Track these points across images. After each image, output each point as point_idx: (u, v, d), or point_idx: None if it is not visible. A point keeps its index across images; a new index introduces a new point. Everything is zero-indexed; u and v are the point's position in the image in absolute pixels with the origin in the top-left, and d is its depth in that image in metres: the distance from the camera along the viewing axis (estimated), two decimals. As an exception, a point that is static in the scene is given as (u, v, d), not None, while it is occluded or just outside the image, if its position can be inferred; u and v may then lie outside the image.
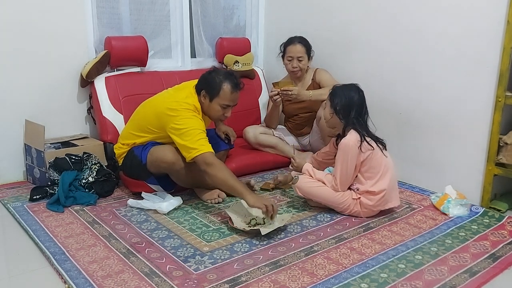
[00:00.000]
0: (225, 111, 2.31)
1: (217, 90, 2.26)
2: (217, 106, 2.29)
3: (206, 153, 2.13)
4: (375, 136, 2.23)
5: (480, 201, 2.44)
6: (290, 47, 2.95)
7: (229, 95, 2.27)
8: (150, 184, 2.44)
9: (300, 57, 2.92)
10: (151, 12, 3.15)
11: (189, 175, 2.34)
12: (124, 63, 2.96)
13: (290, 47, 2.94)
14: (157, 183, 2.43)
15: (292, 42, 2.95)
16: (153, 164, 2.31)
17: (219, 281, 1.65)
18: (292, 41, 2.95)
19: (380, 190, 2.16)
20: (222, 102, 2.28)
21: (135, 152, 2.38)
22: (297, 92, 2.79)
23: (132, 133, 2.43)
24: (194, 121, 2.21)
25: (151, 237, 1.99)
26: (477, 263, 1.83)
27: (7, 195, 2.48)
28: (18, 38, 2.62)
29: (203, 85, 2.30)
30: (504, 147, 2.33)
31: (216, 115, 2.34)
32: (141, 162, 2.32)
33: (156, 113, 2.29)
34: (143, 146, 2.37)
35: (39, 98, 2.74)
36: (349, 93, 2.20)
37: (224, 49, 3.38)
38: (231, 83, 2.26)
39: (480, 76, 2.39)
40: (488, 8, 2.32)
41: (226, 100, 2.28)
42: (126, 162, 2.45)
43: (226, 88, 2.26)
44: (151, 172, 2.36)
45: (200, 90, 2.31)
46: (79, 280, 1.63)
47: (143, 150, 2.34)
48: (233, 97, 2.29)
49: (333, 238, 2.02)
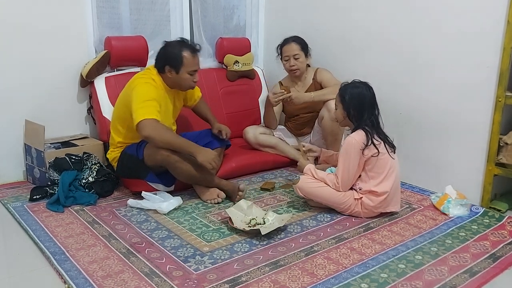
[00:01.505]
0: (193, 77, 2.44)
1: (179, 60, 2.37)
2: (185, 75, 2.40)
3: (149, 119, 2.21)
4: (385, 135, 2.21)
5: (480, 201, 2.44)
6: (285, 47, 2.95)
7: (192, 61, 2.39)
8: (150, 182, 2.44)
9: (296, 54, 2.91)
10: (151, 12, 3.15)
11: (186, 168, 2.34)
12: (124, 63, 2.95)
13: (285, 47, 2.95)
14: (157, 180, 2.43)
15: (286, 42, 2.95)
16: (150, 157, 2.34)
17: (219, 281, 1.65)
18: (287, 41, 2.96)
19: (382, 192, 2.15)
20: (189, 69, 2.39)
21: (128, 152, 2.43)
22: (294, 96, 2.80)
23: (114, 132, 2.52)
24: (146, 87, 2.33)
25: (151, 237, 1.99)
26: (477, 263, 1.82)
27: (7, 195, 2.48)
28: (18, 38, 2.62)
29: (165, 61, 2.39)
30: (504, 147, 2.33)
31: (187, 83, 2.44)
32: (137, 158, 2.36)
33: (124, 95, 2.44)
34: (136, 145, 2.41)
35: (39, 98, 2.74)
36: (361, 95, 2.18)
37: (224, 49, 3.38)
38: (189, 49, 2.40)
39: (480, 76, 2.39)
40: (488, 8, 2.32)
41: (191, 66, 2.40)
42: (121, 164, 2.48)
43: (187, 55, 2.38)
44: (150, 167, 2.37)
45: (163, 67, 2.40)
46: (79, 280, 1.63)
47: (138, 147, 2.39)
48: (196, 61, 2.43)
49: (333, 238, 2.02)
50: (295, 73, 2.97)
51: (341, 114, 2.25)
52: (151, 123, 2.22)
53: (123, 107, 2.41)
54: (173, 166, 2.34)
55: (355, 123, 2.20)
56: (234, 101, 3.38)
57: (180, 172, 2.36)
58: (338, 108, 2.27)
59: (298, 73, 2.98)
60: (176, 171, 2.36)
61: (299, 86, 3.02)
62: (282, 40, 2.99)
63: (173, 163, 2.32)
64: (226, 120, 3.23)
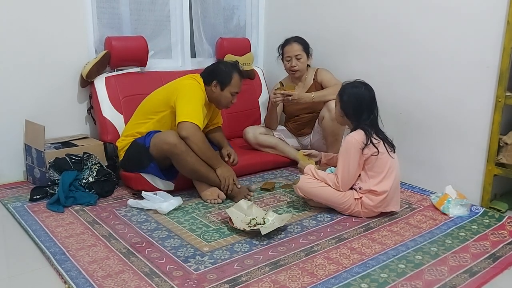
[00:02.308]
0: (233, 98, 2.56)
1: (228, 79, 2.50)
2: (228, 94, 2.53)
3: (195, 124, 2.36)
4: (384, 135, 2.22)
5: (480, 201, 2.44)
6: (286, 47, 2.95)
7: (238, 83, 2.54)
8: (150, 173, 2.43)
9: (298, 55, 2.92)
10: (151, 12, 3.15)
11: (191, 161, 2.35)
12: (124, 63, 2.96)
13: (287, 48, 2.95)
14: (158, 173, 2.42)
15: (288, 43, 2.96)
16: (156, 146, 2.36)
17: (219, 281, 1.65)
18: (288, 41, 2.96)
19: (382, 191, 2.15)
20: (233, 90, 2.53)
21: (138, 141, 2.49)
22: (297, 96, 2.80)
23: (135, 123, 2.57)
24: (199, 91, 2.47)
25: (151, 237, 1.99)
26: (477, 263, 1.83)
27: (7, 195, 2.48)
28: (18, 38, 2.62)
29: (214, 75, 2.51)
30: (504, 147, 2.33)
31: (226, 101, 2.56)
32: (144, 145, 2.40)
33: (166, 91, 2.53)
34: (146, 135, 2.46)
35: (39, 98, 2.74)
36: (359, 96, 2.18)
37: (224, 49, 3.38)
38: (238, 72, 2.56)
39: (480, 76, 2.39)
40: (488, 8, 2.32)
41: (236, 88, 2.54)
42: (127, 153, 2.50)
43: (236, 77, 2.53)
44: (154, 158, 2.38)
45: (211, 80, 2.51)
46: (79, 280, 1.63)
47: (146, 137, 2.45)
48: (240, 85, 2.58)
49: (333, 238, 2.02)
50: (295, 74, 2.97)
51: (339, 114, 2.26)
52: (195, 127, 2.36)
53: (165, 100, 2.48)
54: (178, 158, 2.34)
55: (354, 123, 2.21)
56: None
57: (184, 164, 2.36)
58: (336, 107, 2.28)
59: (298, 74, 2.98)
60: (181, 163, 2.36)
61: (299, 86, 3.02)
62: (283, 40, 2.99)
63: (178, 154, 2.33)
64: (226, 120, 3.22)
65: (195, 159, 2.37)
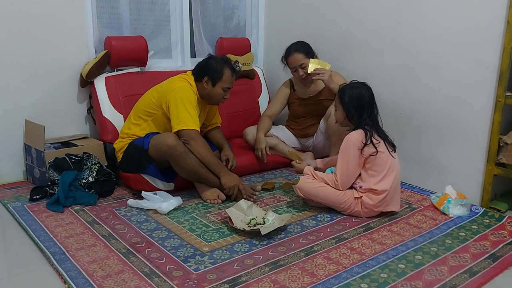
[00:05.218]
0: (225, 93, 2.52)
1: (219, 74, 2.46)
2: (219, 90, 2.49)
3: (192, 129, 2.36)
4: (385, 135, 2.22)
5: (480, 201, 2.44)
6: (289, 59, 2.90)
7: (230, 78, 2.50)
8: (150, 174, 2.43)
9: (302, 64, 2.87)
10: (151, 12, 3.15)
11: (191, 162, 2.35)
12: (124, 63, 2.96)
13: (289, 59, 2.89)
14: (157, 174, 2.42)
15: (289, 54, 2.89)
16: (154, 147, 2.36)
17: (219, 281, 1.65)
18: (289, 52, 2.89)
19: (382, 190, 2.16)
20: (225, 85, 2.49)
21: (135, 142, 2.47)
22: (327, 77, 2.73)
23: (130, 123, 2.56)
24: (191, 94, 2.43)
25: (151, 237, 1.99)
26: (477, 263, 1.83)
27: (7, 195, 2.48)
28: (18, 38, 2.62)
29: (205, 72, 2.47)
30: (504, 147, 2.33)
31: (218, 97, 2.52)
32: (143, 147, 2.39)
33: (157, 92, 2.49)
34: (144, 136, 2.46)
35: (39, 98, 2.74)
36: (359, 95, 2.18)
37: (224, 49, 3.38)
38: (230, 67, 2.51)
39: (480, 76, 2.39)
40: (488, 8, 2.32)
41: (228, 83, 2.49)
42: (126, 155, 2.50)
43: (227, 72, 2.48)
44: (152, 158, 2.38)
45: (202, 76, 2.47)
46: (79, 280, 1.63)
47: (144, 139, 2.44)
48: (232, 80, 2.53)
49: (333, 238, 2.02)
50: (304, 81, 2.95)
51: (341, 115, 2.26)
52: (194, 132, 2.37)
53: (156, 102, 2.47)
54: (177, 159, 2.34)
55: (355, 123, 2.21)
56: (234, 101, 3.36)
57: (183, 166, 2.36)
58: (338, 109, 2.28)
59: (308, 79, 2.93)
60: (180, 164, 2.36)
61: (311, 89, 3.01)
62: (285, 50, 2.92)
63: (177, 156, 2.32)
64: (226, 120, 3.23)
65: (195, 161, 2.36)
